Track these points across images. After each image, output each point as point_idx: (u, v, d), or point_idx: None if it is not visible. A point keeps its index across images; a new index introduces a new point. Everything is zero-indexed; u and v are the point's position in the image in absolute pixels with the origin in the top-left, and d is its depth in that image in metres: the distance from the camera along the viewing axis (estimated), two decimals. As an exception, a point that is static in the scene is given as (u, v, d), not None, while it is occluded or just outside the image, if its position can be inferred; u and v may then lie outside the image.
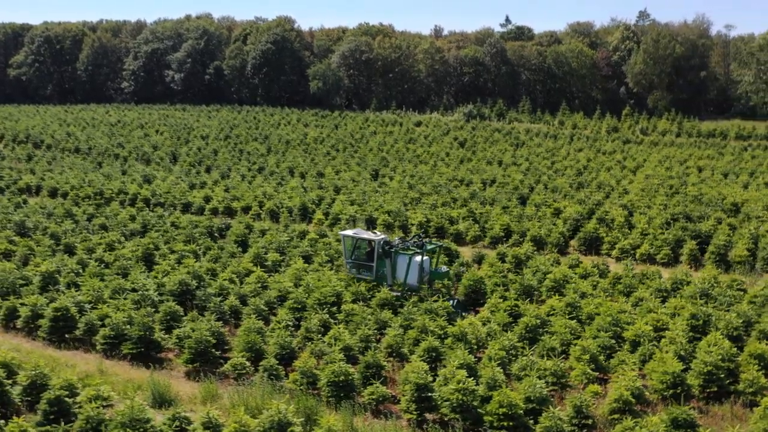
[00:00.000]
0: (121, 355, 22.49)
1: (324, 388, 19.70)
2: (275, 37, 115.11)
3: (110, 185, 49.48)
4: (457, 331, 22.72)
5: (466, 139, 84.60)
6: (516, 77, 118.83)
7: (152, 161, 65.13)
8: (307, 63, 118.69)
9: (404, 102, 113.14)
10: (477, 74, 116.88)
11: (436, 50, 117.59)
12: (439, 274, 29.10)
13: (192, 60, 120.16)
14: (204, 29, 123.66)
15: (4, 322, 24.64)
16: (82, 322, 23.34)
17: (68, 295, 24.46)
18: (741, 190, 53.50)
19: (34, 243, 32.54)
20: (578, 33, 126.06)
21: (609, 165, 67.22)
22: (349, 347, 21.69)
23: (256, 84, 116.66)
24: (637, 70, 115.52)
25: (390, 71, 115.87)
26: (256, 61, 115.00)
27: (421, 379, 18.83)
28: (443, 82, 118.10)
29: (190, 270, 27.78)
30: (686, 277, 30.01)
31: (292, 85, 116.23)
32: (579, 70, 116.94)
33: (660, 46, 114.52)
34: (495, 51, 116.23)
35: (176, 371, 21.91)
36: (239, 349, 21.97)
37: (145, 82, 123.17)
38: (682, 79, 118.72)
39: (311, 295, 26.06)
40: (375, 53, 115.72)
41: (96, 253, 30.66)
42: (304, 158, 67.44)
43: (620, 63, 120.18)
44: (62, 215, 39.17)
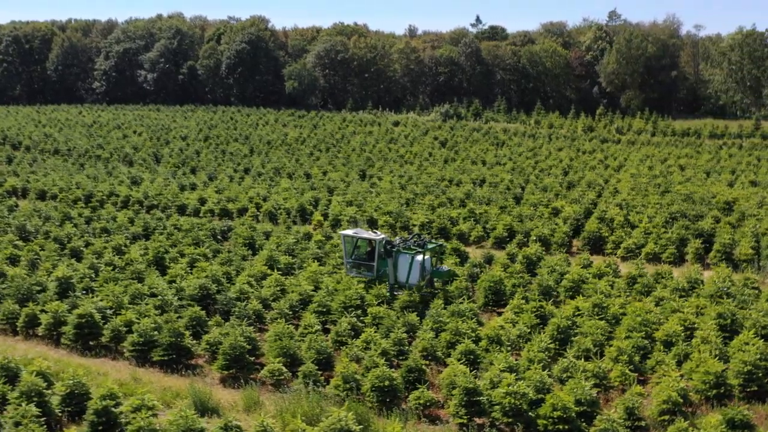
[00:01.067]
0: (151, 362, 22.00)
1: (368, 393, 19.42)
2: (250, 37, 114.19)
3: (100, 187, 48.61)
4: (491, 333, 22.57)
5: (446, 138, 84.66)
6: (491, 77, 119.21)
7: (135, 163, 64.21)
8: (282, 63, 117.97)
9: (380, 102, 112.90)
10: (452, 74, 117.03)
11: (411, 50, 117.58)
12: (440, 273, 29.14)
13: (165, 60, 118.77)
14: (177, 29, 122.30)
15: (24, 329, 23.98)
16: (107, 329, 22.82)
17: (90, 301, 23.88)
18: (727, 188, 54.11)
19: (38, 247, 31.75)
20: (551, 33, 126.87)
21: (592, 164, 67.64)
22: (385, 351, 21.43)
23: (231, 84, 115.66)
24: (610, 69, 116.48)
25: (366, 71, 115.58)
26: (231, 61, 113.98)
27: (470, 383, 18.64)
28: (419, 82, 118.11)
29: (208, 274, 27.30)
30: (698, 276, 30.20)
31: (267, 85, 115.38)
32: (553, 70, 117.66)
33: (632, 46, 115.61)
34: (470, 51, 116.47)
35: (210, 378, 21.48)
36: (273, 354, 21.60)
37: (117, 82, 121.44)
38: (653, 79, 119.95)
39: (335, 298, 25.75)
40: (350, 53, 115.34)
41: (105, 257, 29.98)
42: (288, 159, 66.97)
43: (593, 63, 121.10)
44: (60, 218, 38.33)
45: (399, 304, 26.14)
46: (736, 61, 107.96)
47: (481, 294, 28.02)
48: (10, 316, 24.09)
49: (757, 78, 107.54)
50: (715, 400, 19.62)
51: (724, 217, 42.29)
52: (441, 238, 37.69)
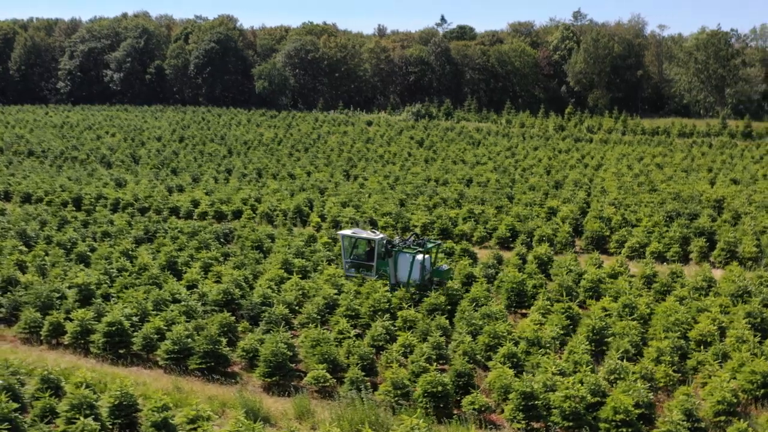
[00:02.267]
0: (186, 371, 21.47)
1: (420, 399, 19.14)
2: (218, 36, 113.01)
3: (86, 190, 47.56)
4: (531, 335, 22.42)
5: (422, 138, 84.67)
6: (460, 76, 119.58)
7: (113, 164, 63.06)
8: (251, 62, 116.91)
9: (351, 102, 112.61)
10: (422, 74, 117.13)
11: (381, 50, 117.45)
12: (440, 272, 29.12)
13: (132, 59, 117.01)
14: (143, 28, 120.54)
15: (48, 338, 23.24)
16: (138, 337, 22.21)
17: (118, 308, 23.24)
18: (710, 186, 54.79)
19: (42, 253, 30.88)
20: (519, 33, 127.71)
21: (571, 163, 68.07)
22: (428, 356, 21.18)
23: (200, 84, 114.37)
24: (578, 69, 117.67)
25: (336, 71, 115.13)
26: (199, 61, 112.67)
27: (527, 387, 18.46)
28: (389, 82, 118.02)
29: (229, 278, 26.77)
30: (710, 275, 30.41)
31: (237, 84, 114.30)
32: (522, 70, 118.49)
33: (599, 46, 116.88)
34: (439, 50, 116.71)
35: (251, 385, 21.01)
36: (314, 360, 21.21)
37: (82, 82, 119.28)
38: (619, 78, 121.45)
39: (363, 302, 25.41)
40: (321, 53, 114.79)
41: (116, 263, 29.25)
42: (268, 159, 66.32)
43: (561, 62, 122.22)
44: (57, 222, 37.39)
45: (425, 307, 25.86)
46: (702, 60, 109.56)
47: (503, 295, 27.85)
48: (32, 325, 23.32)
49: (722, 77, 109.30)
50: (765, 400, 19.67)
51: (717, 215, 42.77)
52: (442, 239, 37.52)
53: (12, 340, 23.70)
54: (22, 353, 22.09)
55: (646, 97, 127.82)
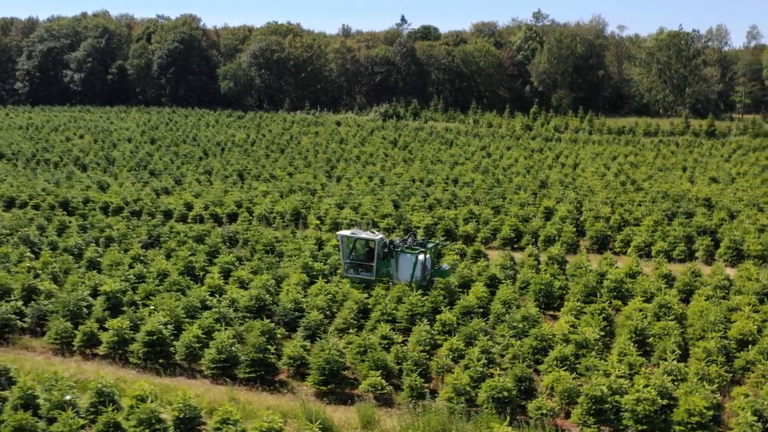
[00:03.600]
0: (233, 380, 20.85)
1: (485, 405, 18.83)
2: (182, 36, 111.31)
3: (72, 193, 46.29)
4: (579, 338, 22.27)
5: (395, 138, 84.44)
6: (425, 77, 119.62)
7: (88, 167, 61.59)
8: (215, 63, 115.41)
9: (317, 102, 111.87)
10: (388, 74, 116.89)
11: (347, 50, 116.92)
12: (441, 271, 29.09)
13: (93, 59, 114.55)
14: (104, 27, 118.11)
15: (81, 349, 22.39)
16: (180, 346, 21.52)
17: (154, 316, 22.50)
18: (690, 185, 55.49)
19: (51, 259, 29.85)
20: (482, 33, 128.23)
21: (548, 163, 68.46)
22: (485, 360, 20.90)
23: (163, 84, 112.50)
24: (542, 69, 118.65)
25: (302, 71, 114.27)
26: (163, 61, 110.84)
27: (597, 390, 18.28)
28: (355, 82, 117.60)
29: (259, 283, 26.19)
30: (725, 274, 30.66)
31: (201, 85, 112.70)
32: (486, 70, 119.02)
33: (563, 46, 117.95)
34: (405, 50, 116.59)
35: (304, 394, 20.48)
36: (364, 367, 20.77)
37: (41, 82, 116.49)
38: (581, 78, 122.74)
39: (400, 306, 25.01)
40: (286, 53, 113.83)
41: (134, 269, 28.39)
42: (245, 160, 65.45)
43: (524, 62, 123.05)
44: (56, 227, 36.27)
45: (459, 310, 25.55)
46: (664, 60, 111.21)
47: (531, 297, 27.67)
48: (63, 335, 22.45)
49: (684, 77, 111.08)
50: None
51: (709, 213, 43.22)
52: (447, 240, 37.32)
53: (42, 351, 22.79)
54: (59, 365, 21.23)
55: (606, 97, 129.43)
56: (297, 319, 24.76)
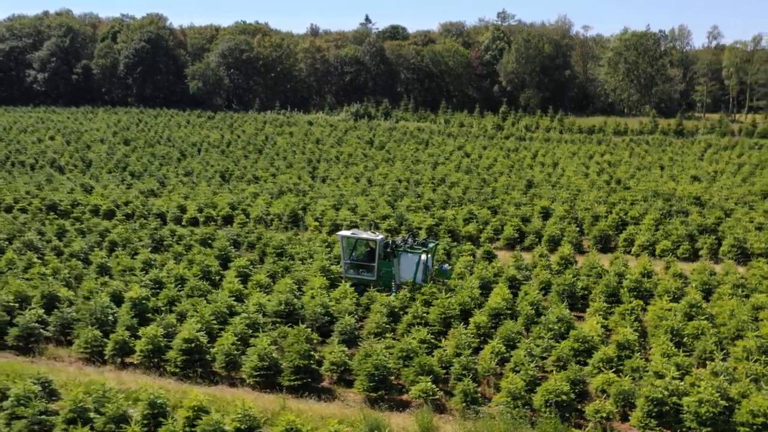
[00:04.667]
0: (275, 388, 20.33)
1: (543, 409, 18.59)
2: (149, 36, 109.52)
3: (59, 196, 45.14)
4: (621, 339, 22.14)
5: (371, 138, 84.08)
6: (395, 76, 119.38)
7: (65, 169, 60.25)
8: (183, 62, 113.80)
9: (287, 102, 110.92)
10: (357, 73, 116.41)
11: (316, 49, 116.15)
12: (442, 271, 29.07)
13: (57, 59, 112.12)
14: (68, 27, 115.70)
15: (113, 357, 21.65)
16: (219, 353, 20.92)
17: (189, 323, 21.87)
18: (674, 183, 56.00)
19: (61, 264, 28.96)
20: (450, 33, 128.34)
21: (527, 162, 68.65)
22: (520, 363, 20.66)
23: (130, 84, 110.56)
24: (510, 69, 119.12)
25: (271, 71, 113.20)
26: (129, 60, 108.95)
27: (658, 392, 18.14)
28: (324, 82, 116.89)
29: (286, 288, 25.65)
30: (738, 272, 30.87)
31: (168, 84, 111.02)
32: (455, 69, 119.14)
33: (530, 46, 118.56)
34: (374, 50, 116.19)
35: (352, 401, 20.05)
36: (410, 372, 20.38)
37: (2, 82, 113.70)
38: (547, 78, 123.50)
39: (431, 309, 24.66)
40: (255, 52, 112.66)
41: (149, 274, 27.64)
42: (224, 161, 64.59)
43: (492, 62, 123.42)
44: (55, 231, 35.25)
45: (487, 312, 25.29)
46: (632, 60, 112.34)
47: (554, 298, 27.53)
48: (94, 344, 21.70)
49: (651, 76, 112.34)
50: None
51: (704, 211, 43.58)
52: (453, 241, 37.10)
53: (72, 361, 22.00)
54: (93, 375, 20.50)
55: (572, 97, 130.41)
56: (327, 324, 24.30)
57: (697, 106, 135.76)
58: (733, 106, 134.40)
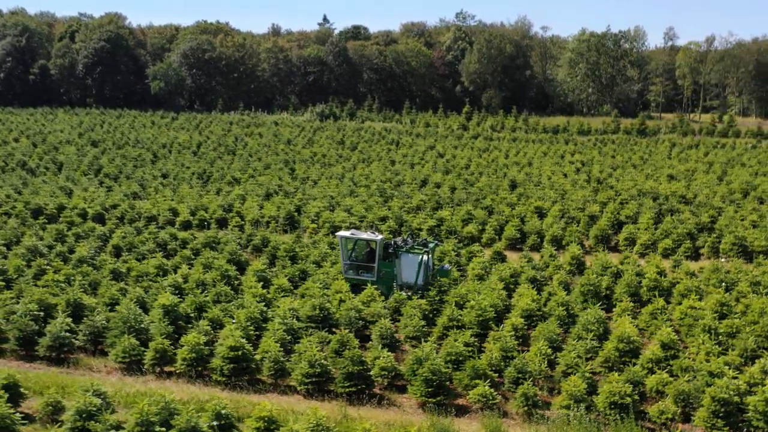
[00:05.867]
0: (326, 395, 19.88)
1: (606, 410, 18.46)
2: (108, 35, 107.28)
3: (44, 200, 43.81)
4: (665, 338, 22.14)
5: (342, 139, 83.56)
6: (357, 76, 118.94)
7: (36, 171, 58.56)
8: (143, 62, 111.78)
9: (250, 102, 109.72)
10: (320, 73, 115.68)
11: (279, 49, 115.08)
12: (443, 271, 29.03)
13: (12, 59, 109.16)
14: (24, 26, 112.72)
15: (153, 366, 20.94)
16: (267, 360, 20.37)
17: (228, 330, 21.26)
18: (654, 182, 56.61)
19: (74, 271, 28.02)
20: (412, 33, 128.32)
21: (503, 162, 68.83)
22: (573, 364, 20.54)
23: (89, 84, 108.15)
24: (472, 69, 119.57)
25: (234, 71, 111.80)
26: (89, 60, 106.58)
27: (724, 392, 18.13)
28: (287, 82, 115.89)
29: (318, 292, 25.17)
30: (745, 269, 31.23)
31: (129, 85, 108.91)
32: (418, 70, 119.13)
33: (492, 47, 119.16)
34: (337, 50, 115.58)
35: (407, 407, 19.69)
36: (462, 376, 20.10)
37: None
38: (508, 78, 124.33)
39: (466, 312, 24.38)
40: (218, 52, 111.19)
41: (167, 279, 26.87)
42: (200, 163, 63.49)
43: (454, 62, 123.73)
44: (53, 237, 34.14)
45: (518, 313, 25.13)
46: (593, 61, 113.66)
47: (579, 297, 27.49)
48: (132, 353, 20.95)
49: (612, 76, 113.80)
50: None
51: (695, 209, 44.10)
52: (460, 243, 36.91)
53: (109, 371, 21.21)
54: (138, 385, 19.79)
55: (532, 96, 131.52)
56: (362, 329, 23.90)
57: (652, 105, 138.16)
58: (687, 105, 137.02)
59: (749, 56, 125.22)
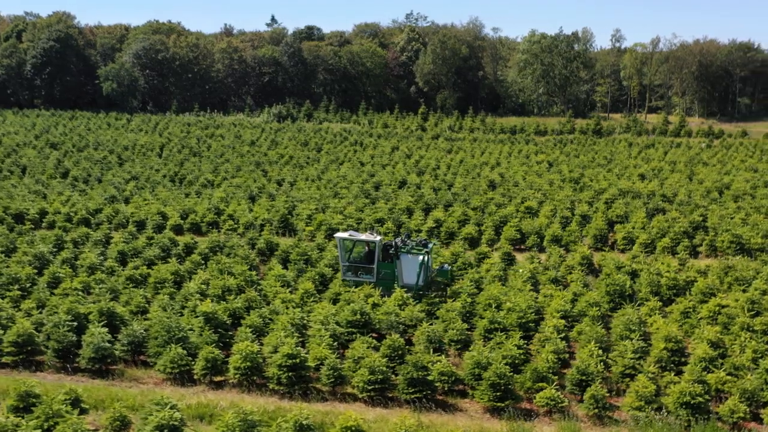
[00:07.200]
0: (386, 402, 19.45)
1: (677, 411, 18.42)
2: (58, 35, 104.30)
3: (24, 205, 42.29)
4: (712, 337, 22.25)
5: (306, 140, 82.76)
6: (312, 77, 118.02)
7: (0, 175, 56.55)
8: (93, 63, 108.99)
9: (205, 103, 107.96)
10: (275, 74, 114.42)
11: (233, 50, 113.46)
12: (443, 271, 29.10)
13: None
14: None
15: (204, 376, 20.19)
16: (326, 368, 19.83)
17: (274, 337, 20.67)
18: (628, 182, 57.30)
19: (89, 278, 26.99)
20: (365, 33, 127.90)
21: (472, 162, 68.96)
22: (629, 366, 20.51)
23: (38, 85, 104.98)
24: (427, 70, 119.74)
25: (188, 71, 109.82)
26: (37, 61, 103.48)
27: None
28: (242, 83, 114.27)
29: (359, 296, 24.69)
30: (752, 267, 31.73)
31: (79, 86, 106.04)
32: (373, 70, 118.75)
33: (447, 47, 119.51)
34: (292, 51, 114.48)
35: (473, 411, 19.37)
36: (526, 379, 19.88)
37: None
38: (460, 79, 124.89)
39: (509, 315, 24.15)
40: (171, 52, 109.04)
41: (185, 287, 26.04)
42: (168, 165, 62.13)
43: (409, 63, 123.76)
44: (52, 243, 32.85)
45: (554, 313, 25.03)
46: (547, 62, 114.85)
47: (605, 298, 27.50)
48: (180, 363, 20.17)
49: (565, 77, 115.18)
50: None
51: (681, 208, 44.73)
52: (466, 244, 36.78)
53: (156, 382, 20.39)
54: (194, 397, 19.06)
55: (484, 97, 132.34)
56: (402, 333, 23.51)
57: (598, 106, 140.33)
58: (633, 106, 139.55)
59: (692, 57, 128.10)
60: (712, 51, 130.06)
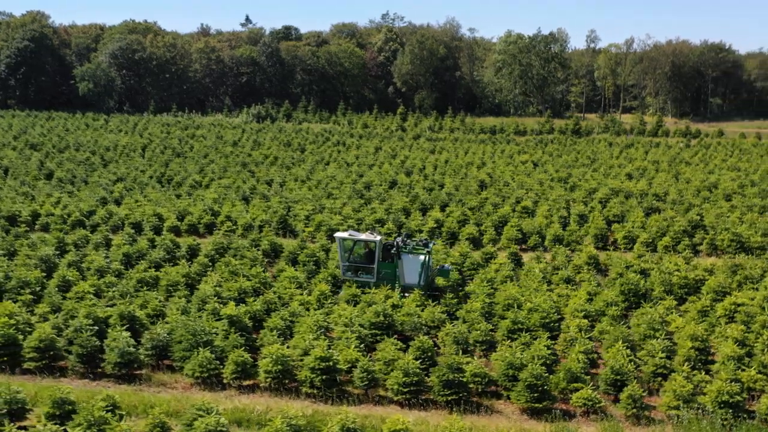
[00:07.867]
0: (420, 404, 19.24)
1: (716, 410, 18.40)
2: (32, 34, 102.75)
3: (15, 207, 41.49)
4: (738, 335, 22.29)
5: (288, 140, 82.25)
6: (290, 77, 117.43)
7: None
8: (69, 62, 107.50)
9: (183, 103, 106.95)
10: (253, 74, 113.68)
11: (211, 50, 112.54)
12: (444, 271, 29.05)
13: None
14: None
15: (234, 380, 19.83)
16: (359, 370, 19.56)
17: (300, 339, 20.37)
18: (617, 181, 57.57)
19: (99, 281, 26.46)
20: (343, 34, 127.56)
21: (458, 162, 68.90)
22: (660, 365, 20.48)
23: (12, 85, 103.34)
24: (405, 70, 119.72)
25: (165, 71, 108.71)
26: (12, 60, 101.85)
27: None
28: (220, 83, 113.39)
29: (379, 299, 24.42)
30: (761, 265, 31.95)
31: (55, 86, 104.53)
32: (352, 71, 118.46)
33: (425, 48, 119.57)
34: (270, 51, 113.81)
35: (507, 413, 19.21)
36: (560, 379, 19.76)
37: None
38: (438, 79, 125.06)
39: (532, 315, 24.02)
40: (148, 53, 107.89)
41: (202, 289, 25.59)
42: (154, 167, 61.35)
43: (386, 64, 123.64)
44: (54, 245, 32.17)
45: (569, 311, 24.97)
46: (526, 63, 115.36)
47: (620, 297, 27.49)
48: (209, 367, 19.77)
49: (543, 77, 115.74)
50: None
51: (674, 207, 45.00)
52: (471, 245, 36.61)
53: (185, 386, 19.96)
54: (227, 402, 18.69)
55: (461, 97, 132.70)
56: (426, 334, 23.29)
57: (572, 106, 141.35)
58: (607, 106, 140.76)
59: (665, 58, 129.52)
60: (685, 52, 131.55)
